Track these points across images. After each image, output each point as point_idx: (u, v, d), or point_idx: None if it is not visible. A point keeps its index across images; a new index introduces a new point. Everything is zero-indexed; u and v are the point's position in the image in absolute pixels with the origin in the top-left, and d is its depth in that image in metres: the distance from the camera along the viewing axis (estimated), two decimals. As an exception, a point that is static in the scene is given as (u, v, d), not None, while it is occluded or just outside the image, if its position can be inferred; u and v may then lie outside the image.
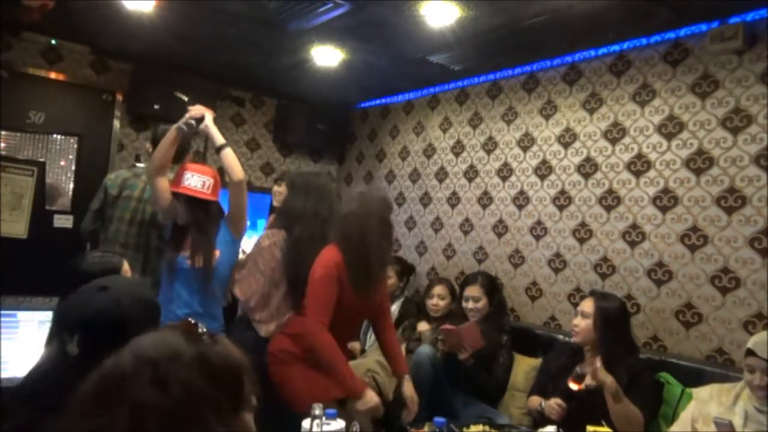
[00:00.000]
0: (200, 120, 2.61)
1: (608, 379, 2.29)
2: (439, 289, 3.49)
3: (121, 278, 1.51)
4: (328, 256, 2.42)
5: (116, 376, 0.84)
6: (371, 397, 2.30)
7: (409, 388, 2.48)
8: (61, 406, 0.88)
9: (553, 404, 2.42)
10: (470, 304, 3.15)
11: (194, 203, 2.53)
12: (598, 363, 2.33)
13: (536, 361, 3.03)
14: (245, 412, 0.89)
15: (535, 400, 2.60)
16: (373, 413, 2.33)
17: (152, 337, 0.91)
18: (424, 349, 2.87)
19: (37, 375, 1.29)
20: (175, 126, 2.59)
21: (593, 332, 2.52)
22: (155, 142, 2.95)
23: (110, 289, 1.36)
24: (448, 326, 2.93)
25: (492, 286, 3.24)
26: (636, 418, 2.28)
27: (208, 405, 0.84)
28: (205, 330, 0.92)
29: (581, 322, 2.57)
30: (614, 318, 2.54)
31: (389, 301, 2.71)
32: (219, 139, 2.62)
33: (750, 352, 2.01)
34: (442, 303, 3.44)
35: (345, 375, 2.32)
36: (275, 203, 3.62)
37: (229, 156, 2.59)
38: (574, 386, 2.37)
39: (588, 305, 2.59)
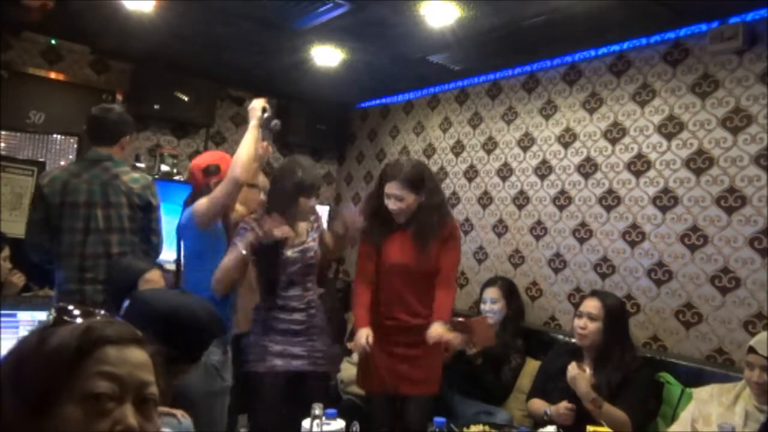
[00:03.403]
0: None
1: (583, 389, 2.27)
2: None
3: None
4: None
5: None
6: (360, 335, 2.43)
7: (435, 330, 2.38)
8: None
9: (563, 409, 2.31)
10: (488, 306, 3.16)
11: None
12: (587, 369, 2.33)
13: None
14: (65, 405, 0.74)
15: (538, 404, 2.52)
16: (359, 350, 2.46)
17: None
18: None
19: None
20: (256, 126, 2.36)
21: (602, 334, 2.45)
22: (99, 125, 2.63)
23: None
24: (459, 318, 2.94)
25: (511, 290, 3.26)
26: (622, 422, 2.25)
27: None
28: (65, 312, 0.82)
29: (589, 325, 2.47)
30: (620, 317, 2.52)
31: (450, 265, 2.55)
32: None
33: (751, 350, 2.03)
34: None
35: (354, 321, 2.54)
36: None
37: None
38: None
39: (595, 306, 2.50)
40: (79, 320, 0.82)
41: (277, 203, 2.41)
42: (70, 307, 0.83)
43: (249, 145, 2.31)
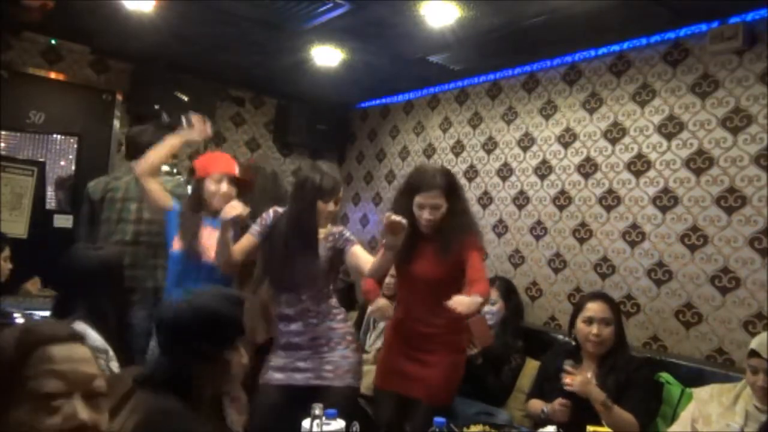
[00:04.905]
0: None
1: (594, 392, 2.25)
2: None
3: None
4: None
5: None
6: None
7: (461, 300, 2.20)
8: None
9: (558, 406, 2.30)
10: (486, 307, 3.15)
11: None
12: (589, 375, 2.31)
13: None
14: (14, 406, 0.78)
15: (536, 404, 2.50)
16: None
17: None
18: None
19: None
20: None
21: (613, 338, 2.41)
22: (133, 144, 2.98)
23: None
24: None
25: (508, 290, 3.26)
26: (630, 424, 2.23)
27: None
28: None
29: (604, 330, 2.39)
30: (620, 317, 2.50)
31: (479, 264, 2.36)
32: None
33: (753, 353, 1.99)
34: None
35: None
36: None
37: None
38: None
39: (605, 309, 2.42)
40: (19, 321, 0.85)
41: (297, 206, 2.36)
42: (8, 311, 0.87)
43: (159, 148, 2.63)
